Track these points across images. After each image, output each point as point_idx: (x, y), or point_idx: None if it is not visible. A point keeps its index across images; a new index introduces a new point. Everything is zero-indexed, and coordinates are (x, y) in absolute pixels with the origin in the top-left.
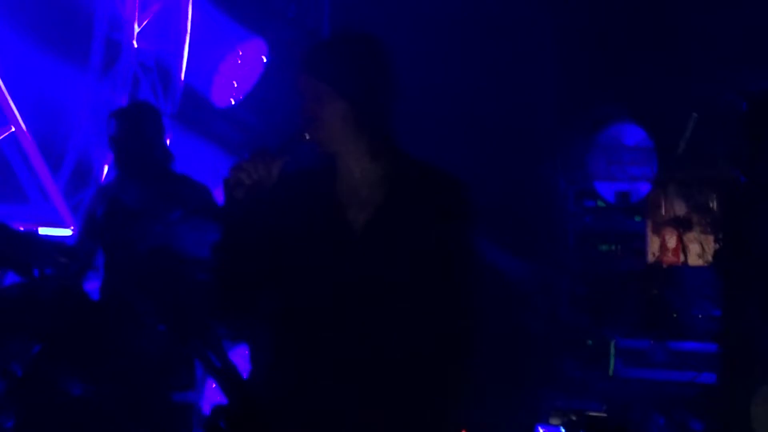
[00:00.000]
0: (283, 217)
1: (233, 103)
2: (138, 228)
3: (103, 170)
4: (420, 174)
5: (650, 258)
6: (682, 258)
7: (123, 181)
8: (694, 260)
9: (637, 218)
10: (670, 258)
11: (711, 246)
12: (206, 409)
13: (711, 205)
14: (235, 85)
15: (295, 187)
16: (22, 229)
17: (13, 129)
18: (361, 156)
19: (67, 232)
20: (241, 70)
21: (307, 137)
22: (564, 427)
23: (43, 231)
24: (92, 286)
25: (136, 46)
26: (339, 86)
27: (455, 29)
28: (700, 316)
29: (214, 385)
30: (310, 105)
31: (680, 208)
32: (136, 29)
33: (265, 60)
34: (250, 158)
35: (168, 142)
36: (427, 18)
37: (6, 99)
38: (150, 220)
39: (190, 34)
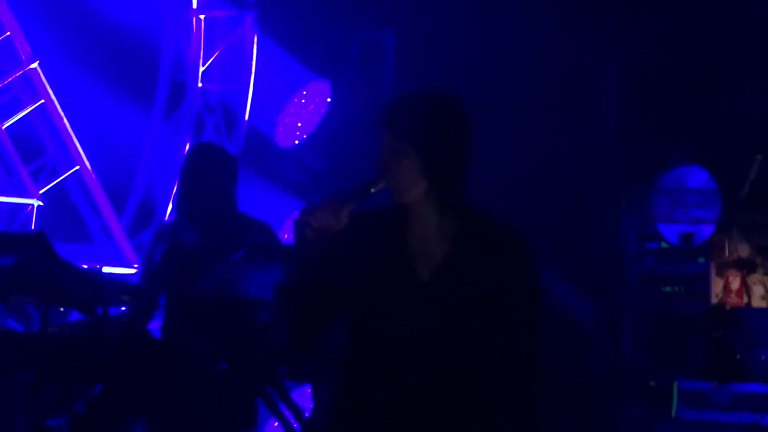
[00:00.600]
0: (352, 262)
1: (297, 143)
2: (199, 268)
3: (166, 210)
4: (486, 229)
5: (713, 300)
6: (745, 299)
7: (184, 221)
8: (757, 302)
9: (701, 260)
10: (733, 300)
11: None
12: None
13: None
14: (300, 126)
15: (365, 234)
16: (86, 267)
17: (78, 168)
18: (433, 210)
19: (130, 271)
20: (306, 110)
21: (380, 187)
22: None
23: (106, 270)
24: (155, 325)
25: (200, 86)
26: (416, 143)
27: (522, 75)
28: (763, 358)
29: (276, 424)
30: (387, 159)
31: (743, 250)
32: (201, 70)
33: (329, 101)
34: (322, 202)
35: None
36: (492, 65)
37: (72, 139)
38: (211, 260)
39: (255, 74)
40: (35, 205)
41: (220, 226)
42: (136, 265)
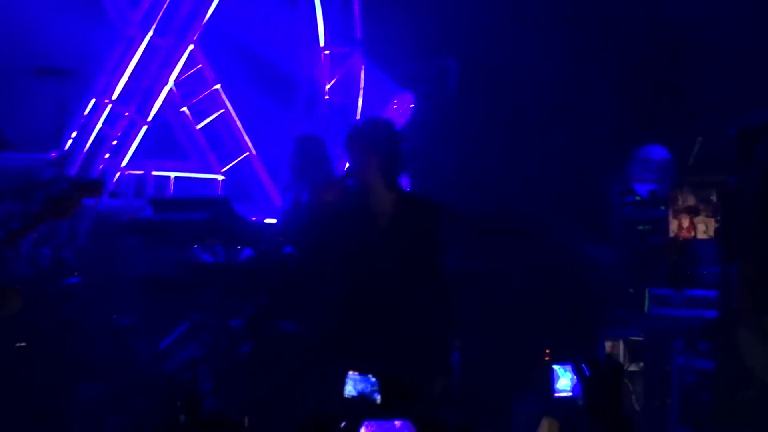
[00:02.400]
0: (343, 222)
1: None
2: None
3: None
4: (413, 199)
5: (671, 234)
6: (693, 234)
7: (298, 183)
8: (701, 235)
9: (662, 207)
10: (684, 234)
11: (712, 226)
12: None
13: (712, 198)
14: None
15: (348, 203)
16: (253, 219)
17: (248, 153)
18: (384, 188)
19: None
20: (396, 113)
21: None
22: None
23: (267, 221)
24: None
25: (326, 98)
26: (378, 152)
27: (540, 84)
28: (705, 272)
29: None
30: (357, 160)
31: (691, 200)
32: (327, 87)
33: (412, 107)
34: (326, 183)
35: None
36: (520, 83)
37: (243, 134)
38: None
39: (363, 89)
40: (219, 179)
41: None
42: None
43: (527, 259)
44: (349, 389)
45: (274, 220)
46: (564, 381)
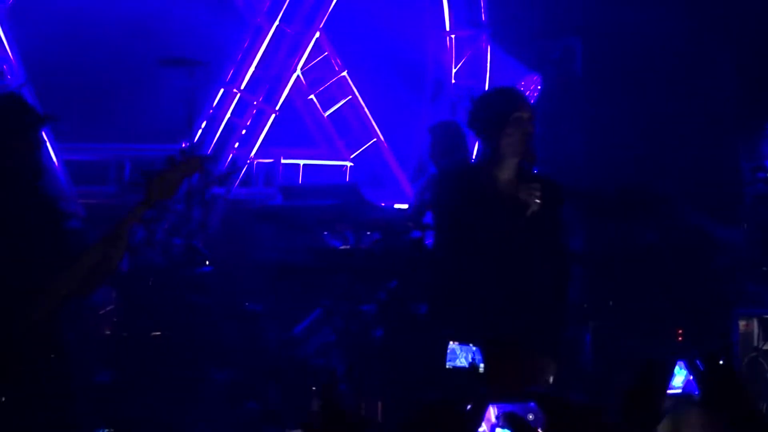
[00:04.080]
0: (473, 203)
1: None
2: None
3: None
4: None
5: None
6: None
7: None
8: None
9: None
10: None
11: None
12: None
13: None
14: None
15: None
16: (382, 204)
17: (375, 140)
18: (513, 167)
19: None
20: None
21: None
22: None
23: (397, 206)
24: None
25: (453, 82)
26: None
27: (673, 61)
28: None
29: None
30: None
31: None
32: (453, 71)
33: (539, 88)
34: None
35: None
36: (653, 52)
37: (371, 120)
38: None
39: (489, 72)
40: (348, 166)
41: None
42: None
43: (656, 237)
44: (452, 360)
45: (403, 205)
46: (678, 378)
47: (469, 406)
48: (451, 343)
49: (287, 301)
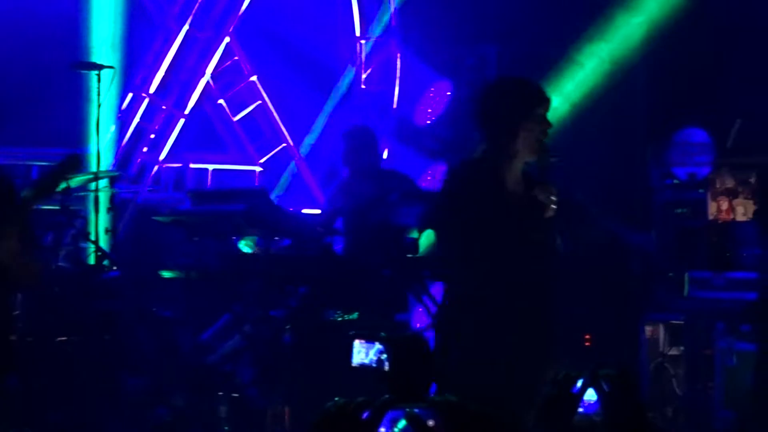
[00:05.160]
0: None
1: (429, 122)
2: (368, 207)
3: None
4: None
5: (710, 217)
6: (732, 216)
7: (354, 177)
8: (740, 217)
9: (701, 190)
10: (723, 216)
11: (751, 208)
12: (414, 324)
13: (751, 180)
14: (430, 111)
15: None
16: (291, 209)
17: (285, 144)
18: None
19: (318, 211)
20: (434, 101)
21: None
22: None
23: (305, 211)
24: (337, 247)
25: (363, 87)
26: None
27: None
28: (744, 255)
29: (420, 309)
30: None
31: (730, 183)
32: (363, 76)
33: (449, 94)
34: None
35: (385, 150)
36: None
37: (280, 125)
38: (375, 202)
39: (400, 78)
40: (257, 170)
41: (379, 176)
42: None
43: (568, 243)
44: (356, 358)
45: (315, 211)
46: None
47: (366, 413)
48: (356, 341)
49: (197, 307)
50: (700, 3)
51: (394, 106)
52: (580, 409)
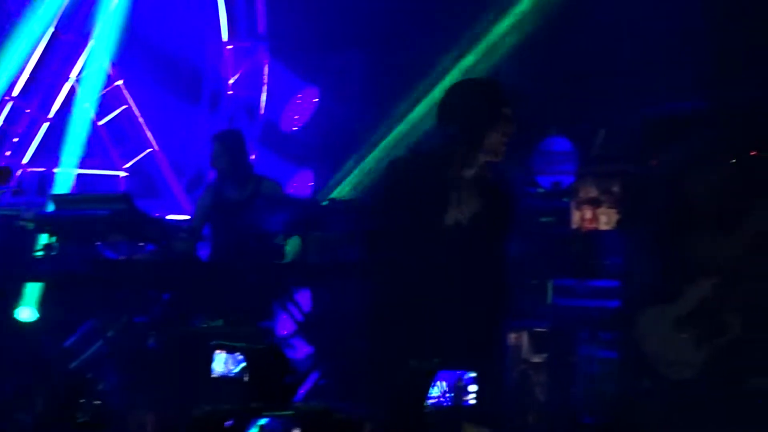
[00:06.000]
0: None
1: (295, 129)
2: (234, 212)
3: (210, 175)
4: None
5: (574, 225)
6: (595, 225)
7: (222, 181)
8: (603, 226)
9: (565, 199)
10: (587, 225)
11: (614, 216)
12: (279, 331)
13: (614, 189)
14: (297, 118)
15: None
16: (156, 215)
17: (151, 149)
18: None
19: (186, 217)
20: (301, 107)
21: None
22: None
23: (171, 217)
24: (202, 253)
25: (230, 93)
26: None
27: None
28: (608, 263)
29: (284, 316)
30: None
31: (593, 192)
32: (230, 82)
33: (316, 101)
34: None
35: (252, 155)
36: (430, 67)
37: (146, 131)
38: (241, 207)
39: (267, 84)
40: (122, 176)
41: (245, 181)
42: (189, 214)
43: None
44: (217, 368)
45: (183, 216)
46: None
47: (230, 422)
48: (217, 351)
49: (60, 312)
50: (565, 14)
51: (261, 111)
52: (431, 401)
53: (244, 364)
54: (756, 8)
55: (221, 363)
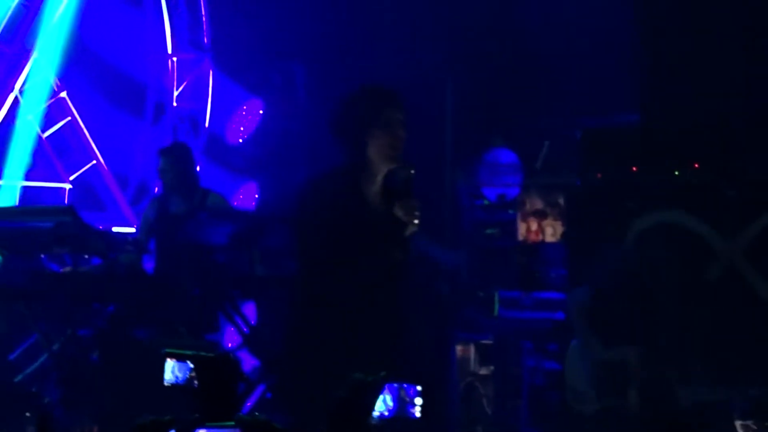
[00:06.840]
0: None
1: (241, 141)
2: (179, 225)
3: (155, 188)
4: None
5: (520, 237)
6: (540, 237)
7: (168, 194)
8: (549, 238)
9: (511, 211)
10: (533, 237)
11: (560, 229)
12: (225, 343)
13: (560, 201)
14: (242, 130)
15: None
16: (101, 227)
17: (95, 162)
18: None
19: (131, 230)
20: (246, 119)
21: None
22: None
23: (115, 229)
24: (148, 265)
25: (175, 105)
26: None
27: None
28: (552, 275)
29: (231, 328)
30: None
31: (538, 204)
32: (175, 94)
33: (261, 113)
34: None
35: (198, 168)
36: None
37: (90, 142)
38: (186, 220)
39: (212, 96)
40: (66, 188)
41: (190, 194)
42: (134, 226)
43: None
44: (168, 376)
45: (127, 229)
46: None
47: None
48: (168, 360)
49: (3, 326)
50: (508, 27)
51: (206, 124)
52: (376, 414)
53: (193, 373)
54: (695, 20)
55: (172, 370)
